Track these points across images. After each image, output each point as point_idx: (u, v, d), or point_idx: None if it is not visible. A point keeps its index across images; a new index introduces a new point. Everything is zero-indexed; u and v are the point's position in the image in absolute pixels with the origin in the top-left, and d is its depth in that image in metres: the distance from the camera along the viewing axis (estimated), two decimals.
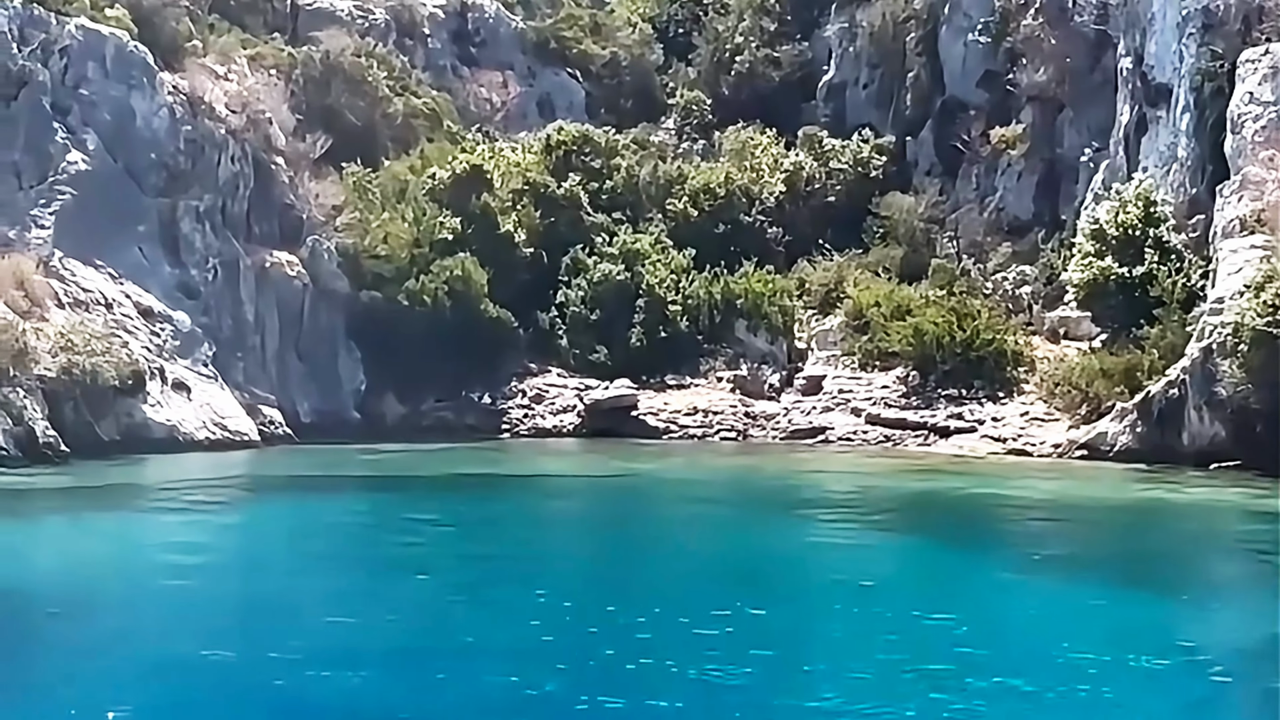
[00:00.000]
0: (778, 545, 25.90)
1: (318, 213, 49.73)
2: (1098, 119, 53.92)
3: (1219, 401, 38.52)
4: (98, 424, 41.06)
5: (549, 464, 41.86)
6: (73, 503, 31.97)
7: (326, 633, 18.51)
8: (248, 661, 16.99)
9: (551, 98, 66.12)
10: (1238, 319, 37.50)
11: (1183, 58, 48.56)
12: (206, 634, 18.20)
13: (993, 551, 25.80)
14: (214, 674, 16.49)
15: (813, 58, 64.68)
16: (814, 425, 47.81)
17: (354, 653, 17.41)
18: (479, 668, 16.89)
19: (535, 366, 51.96)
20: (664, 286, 52.38)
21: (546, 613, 19.49)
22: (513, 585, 21.76)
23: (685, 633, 18.44)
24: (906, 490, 35.25)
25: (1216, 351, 38.53)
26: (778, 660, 17.19)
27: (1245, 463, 37.17)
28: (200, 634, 18.23)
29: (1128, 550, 26.52)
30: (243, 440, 43.87)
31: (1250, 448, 37.40)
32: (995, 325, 48.15)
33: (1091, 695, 15.72)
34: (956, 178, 57.57)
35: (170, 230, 46.66)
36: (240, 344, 47.03)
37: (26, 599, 21.14)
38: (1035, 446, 43.07)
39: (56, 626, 19.51)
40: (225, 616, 19.95)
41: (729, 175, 57.27)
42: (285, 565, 24.48)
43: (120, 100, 46.71)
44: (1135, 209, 46.67)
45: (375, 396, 49.58)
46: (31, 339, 39.37)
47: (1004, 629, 19.36)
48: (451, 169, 52.90)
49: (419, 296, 49.51)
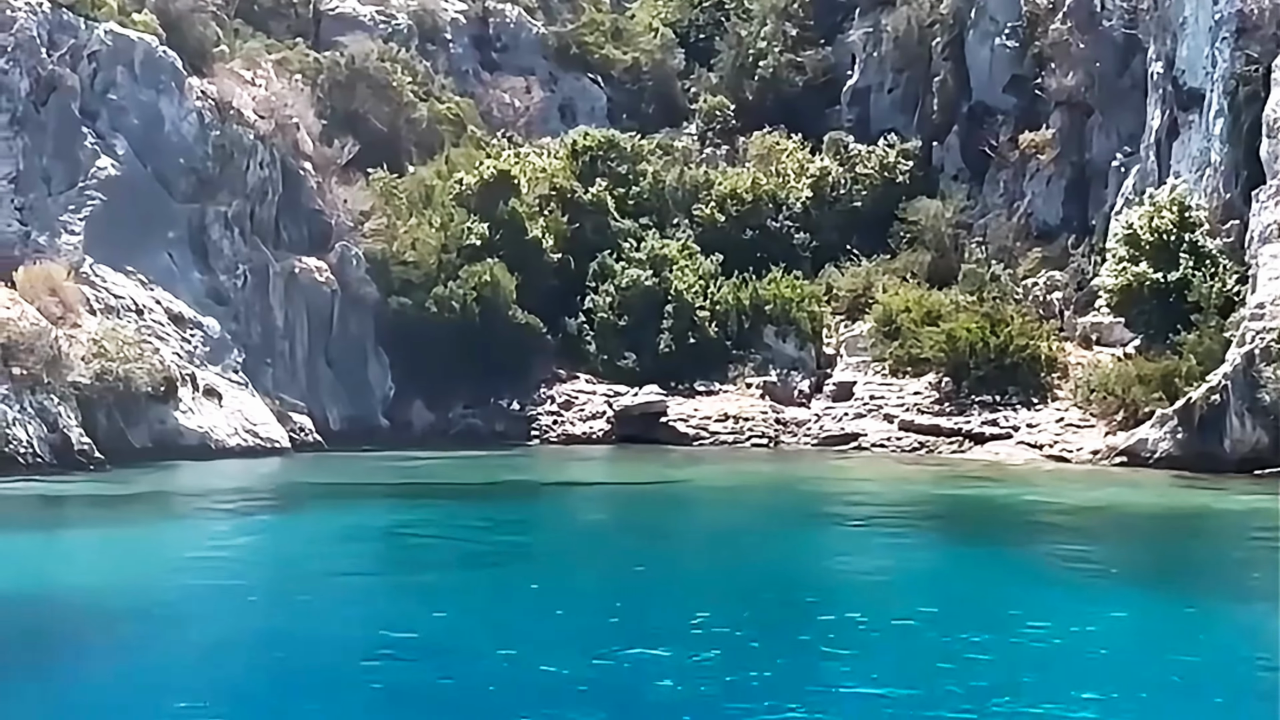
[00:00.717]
0: (871, 559, 25.36)
1: (345, 218, 49.43)
2: (1127, 124, 53.64)
3: (1262, 408, 38.28)
4: (130, 431, 40.88)
5: (593, 472, 41.65)
6: (125, 511, 31.63)
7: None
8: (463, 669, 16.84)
9: (573, 103, 65.92)
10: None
11: (1215, 62, 48.26)
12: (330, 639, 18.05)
13: (1071, 560, 25.35)
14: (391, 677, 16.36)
15: (836, 63, 64.42)
16: (846, 432, 47.56)
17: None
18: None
19: (563, 373, 51.71)
20: (692, 292, 52.18)
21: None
22: (656, 598, 21.40)
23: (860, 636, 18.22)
24: (960, 498, 34.82)
25: (1260, 357, 38.27)
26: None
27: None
28: (323, 639, 18.07)
29: (1201, 558, 26.19)
30: (274, 447, 43.64)
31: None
32: (1028, 331, 47.85)
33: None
34: (983, 183, 57.29)
35: (199, 236, 46.47)
36: (269, 350, 46.83)
37: (118, 608, 20.81)
38: (1073, 453, 42.81)
39: (168, 633, 19.23)
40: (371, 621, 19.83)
41: (755, 180, 57.00)
42: (369, 570, 24.30)
43: (149, 105, 46.50)
44: (1170, 214, 46.39)
45: (403, 403, 49.36)
46: (65, 346, 39.13)
47: (1112, 640, 18.94)
48: (479, 174, 52.63)
49: (448, 303, 49.25)
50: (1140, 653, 18.37)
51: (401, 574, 24.20)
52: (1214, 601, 21.61)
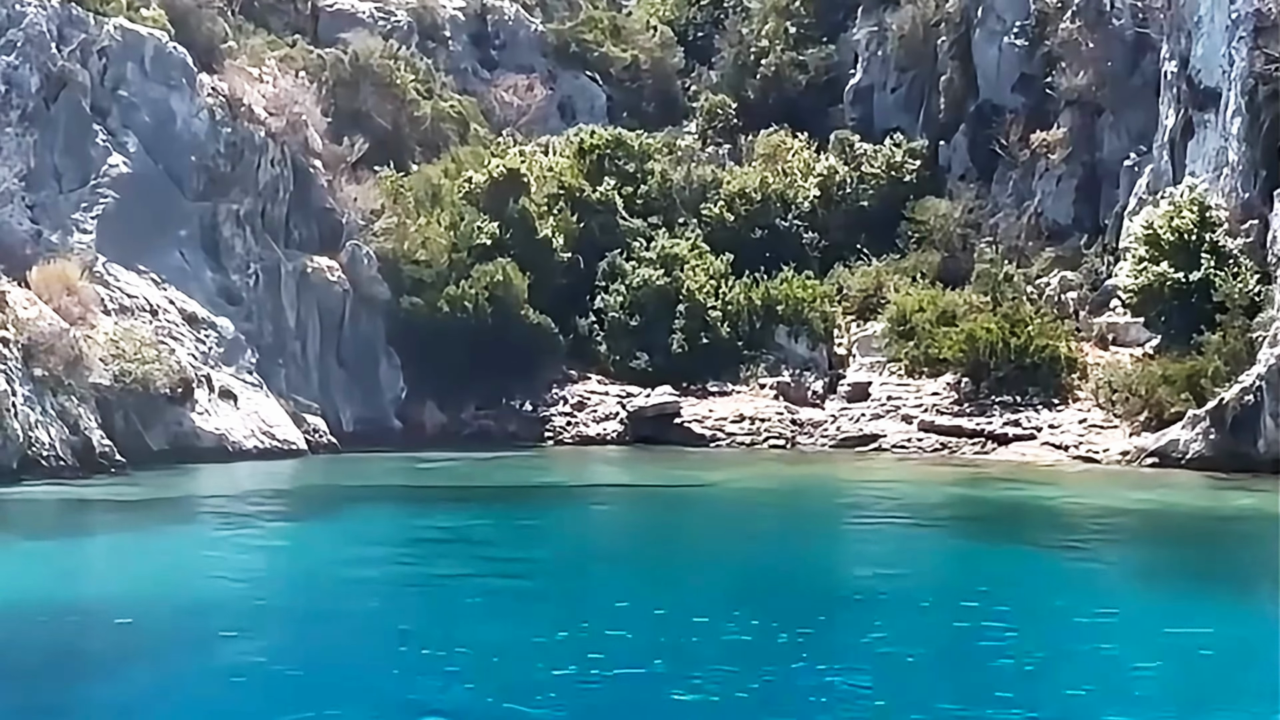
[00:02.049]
0: (937, 563, 25.01)
1: (356, 217, 48.78)
2: (1138, 123, 53.48)
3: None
4: (147, 433, 40.19)
5: (623, 474, 41.11)
6: (159, 516, 31.04)
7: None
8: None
9: (573, 101, 65.41)
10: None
11: (1233, 61, 48.06)
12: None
13: (1148, 565, 25.12)
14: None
15: (839, 61, 64.05)
16: (865, 433, 47.16)
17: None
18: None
19: (575, 373, 51.17)
20: (704, 292, 51.72)
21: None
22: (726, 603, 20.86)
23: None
24: (1007, 501, 34.41)
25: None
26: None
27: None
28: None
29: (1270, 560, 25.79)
30: (291, 449, 42.97)
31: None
32: (1048, 331, 47.59)
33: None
34: (992, 182, 56.94)
35: (211, 234, 45.78)
36: (281, 351, 46.14)
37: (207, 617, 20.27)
38: (1100, 454, 42.57)
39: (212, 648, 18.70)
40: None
41: (764, 180, 56.59)
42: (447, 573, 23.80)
43: (160, 102, 45.78)
44: (1190, 214, 46.24)
45: (415, 404, 48.70)
46: (85, 346, 38.44)
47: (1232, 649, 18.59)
48: (488, 173, 52.07)
49: (460, 302, 48.67)
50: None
51: (481, 580, 23.55)
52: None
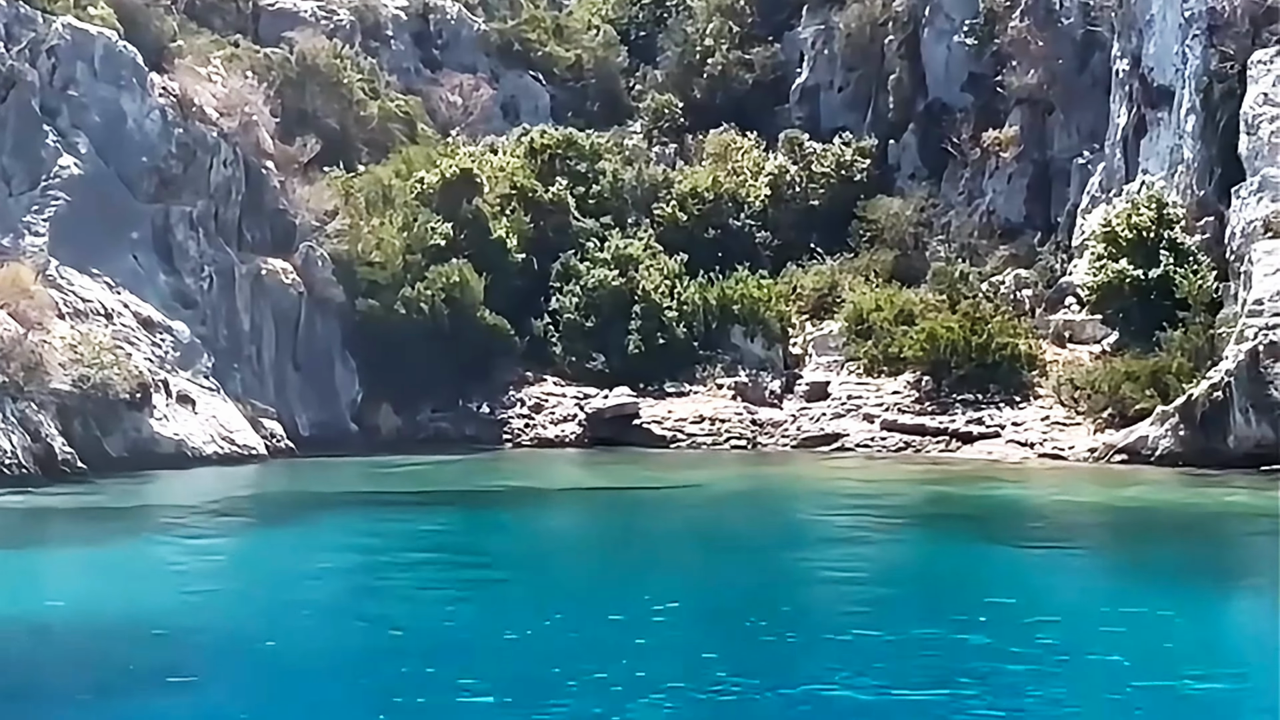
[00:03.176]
0: (954, 568, 24.63)
1: (309, 219, 48.04)
2: (1088, 121, 53.78)
3: (1267, 403, 38.26)
4: (105, 439, 39.37)
5: (593, 476, 40.49)
6: (130, 525, 30.27)
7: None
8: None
9: (516, 101, 64.79)
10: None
11: (1186, 59, 48.38)
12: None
13: (1168, 563, 24.98)
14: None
15: (785, 60, 63.88)
16: (827, 432, 46.98)
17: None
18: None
19: (531, 375, 50.67)
20: (659, 292, 51.37)
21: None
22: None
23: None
24: (992, 500, 34.16)
25: (1265, 353, 38.25)
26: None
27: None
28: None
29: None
30: (251, 454, 42.25)
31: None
32: (1008, 329, 47.63)
33: None
34: (942, 181, 57.05)
35: (164, 237, 44.92)
36: (237, 355, 45.36)
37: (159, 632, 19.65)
38: (1066, 451, 42.60)
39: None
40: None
41: (716, 179, 56.33)
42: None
43: (110, 102, 44.87)
44: (1148, 211, 46.49)
45: (371, 407, 48.04)
46: (44, 352, 37.58)
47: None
48: (440, 173, 51.45)
49: (416, 304, 48.06)
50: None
51: (462, 584, 23.05)
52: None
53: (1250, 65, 45.78)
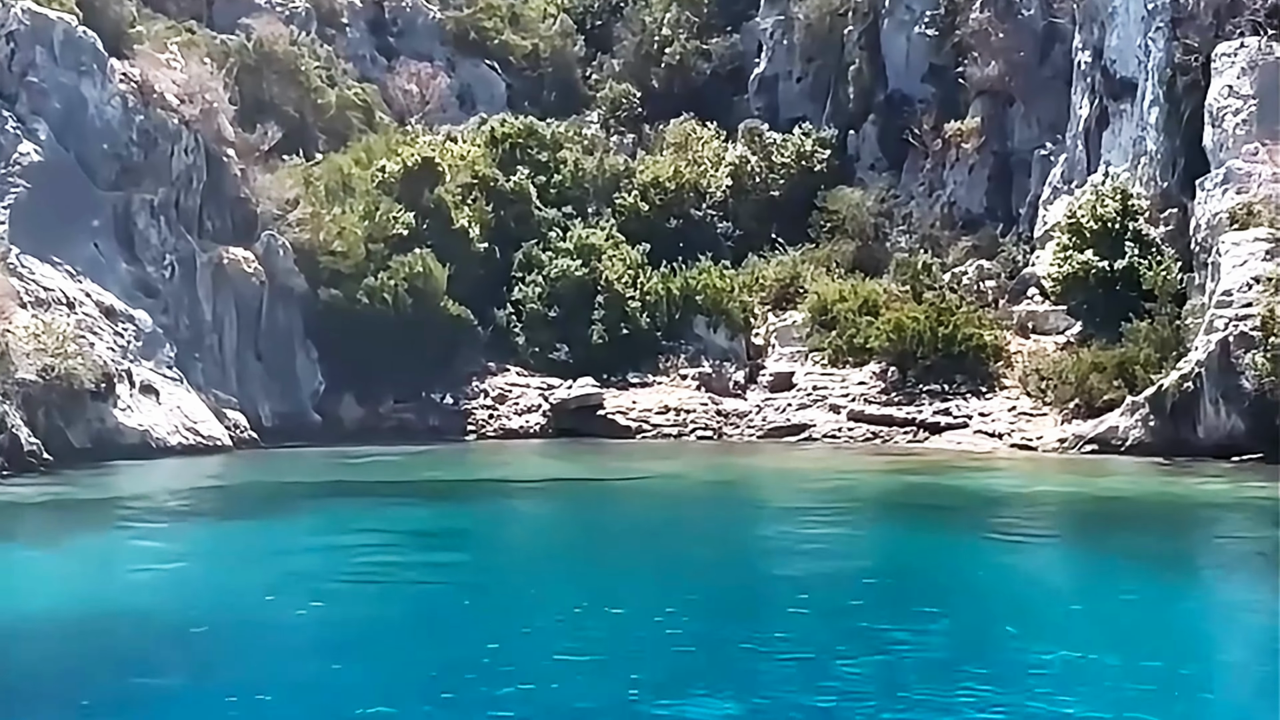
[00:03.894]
0: (963, 563, 24.35)
1: (270, 207, 47.53)
2: (1049, 113, 53.89)
3: (1238, 394, 38.42)
4: (68, 430, 38.85)
5: (557, 467, 39.87)
6: (109, 516, 29.77)
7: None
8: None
9: (472, 90, 64.43)
10: (1265, 311, 37.44)
11: (1149, 51, 48.54)
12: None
13: (1163, 555, 24.99)
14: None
15: (743, 50, 63.80)
16: (793, 423, 46.89)
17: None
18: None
19: (494, 366, 50.34)
20: (622, 282, 51.12)
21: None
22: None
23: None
24: (970, 490, 33.82)
25: (1236, 344, 38.42)
26: None
27: (1267, 456, 36.96)
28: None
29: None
30: (215, 445, 41.92)
31: (1270, 441, 37.23)
32: (974, 320, 47.68)
33: None
34: (902, 171, 57.08)
35: (125, 225, 44.32)
36: (199, 344, 44.87)
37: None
38: (1035, 441, 42.66)
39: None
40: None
41: (677, 169, 56.13)
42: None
43: (70, 88, 44.18)
44: (1113, 202, 46.64)
45: (333, 398, 47.67)
46: (9, 341, 36.99)
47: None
48: (402, 161, 51.02)
49: (379, 294, 47.67)
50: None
51: (435, 585, 22.75)
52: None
53: (1214, 58, 45.88)
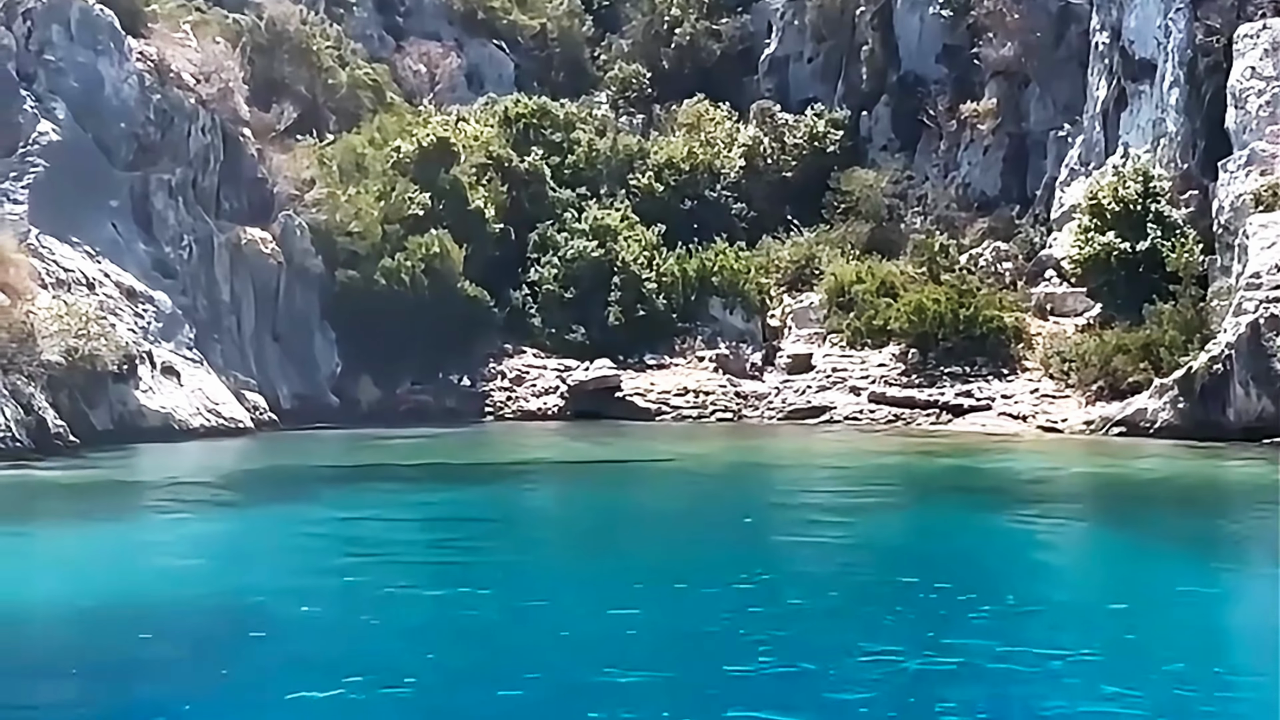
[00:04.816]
0: (1023, 546, 24.10)
1: (287, 187, 47.16)
2: (1064, 94, 53.80)
3: (1268, 376, 38.33)
4: (92, 412, 38.51)
5: (586, 449, 39.11)
6: (147, 499, 29.41)
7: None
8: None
9: (480, 70, 64.05)
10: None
11: (1169, 32, 48.49)
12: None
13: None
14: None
15: (754, 31, 63.54)
16: (813, 405, 46.71)
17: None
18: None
19: (510, 347, 50.09)
20: (638, 264, 50.87)
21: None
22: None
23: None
24: (1006, 472, 33.58)
25: (1265, 326, 38.32)
26: None
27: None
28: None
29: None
30: (237, 427, 41.56)
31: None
32: (994, 302, 47.54)
33: None
34: (915, 153, 56.92)
35: (143, 205, 43.91)
36: (217, 326, 44.50)
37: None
38: (1060, 423, 42.51)
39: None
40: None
41: (691, 150, 55.85)
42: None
43: (88, 67, 43.70)
44: (1135, 183, 46.51)
45: (350, 380, 47.37)
46: (34, 322, 36.66)
47: None
48: (417, 142, 50.68)
49: (396, 275, 47.36)
50: None
51: (544, 561, 22.56)
52: None
53: (1236, 39, 45.91)
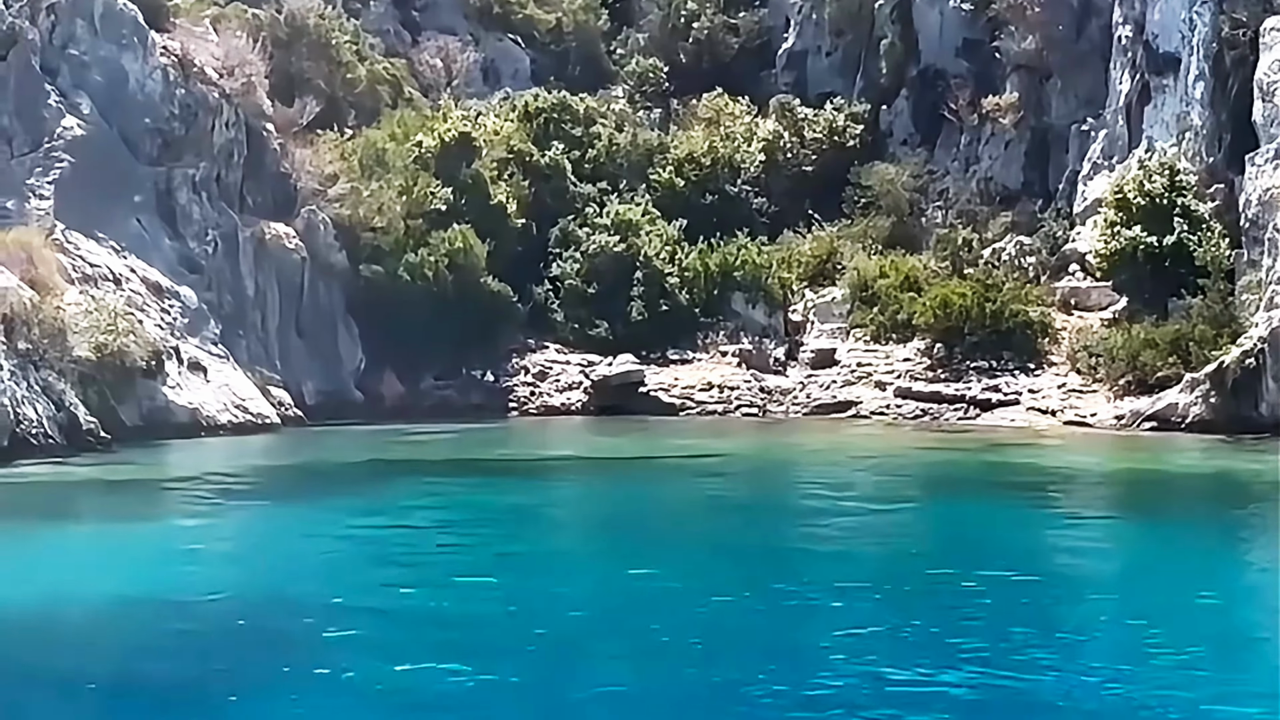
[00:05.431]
0: (1091, 545, 23.98)
1: (310, 182, 46.98)
2: (1085, 87, 53.62)
3: None
4: (120, 408, 38.26)
5: (621, 445, 39.00)
6: (189, 495, 29.34)
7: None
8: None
9: (496, 65, 63.85)
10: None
11: (1194, 25, 48.32)
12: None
13: None
14: None
15: (771, 25, 63.40)
16: (839, 400, 46.57)
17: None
18: None
19: (532, 342, 49.92)
20: (660, 258, 50.73)
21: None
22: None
23: None
24: (1050, 467, 33.70)
25: None
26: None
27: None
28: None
29: None
30: (264, 423, 41.33)
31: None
32: (1020, 296, 47.39)
33: None
34: (936, 147, 56.77)
35: (167, 201, 43.74)
36: (241, 321, 44.29)
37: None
38: (1089, 418, 42.39)
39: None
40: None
41: (712, 144, 55.70)
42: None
43: (111, 61, 43.66)
44: (1161, 178, 46.36)
45: (373, 375, 47.12)
46: (65, 318, 36.51)
47: None
48: (438, 136, 50.50)
49: (420, 270, 47.16)
50: None
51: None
52: None
53: (1263, 32, 45.65)
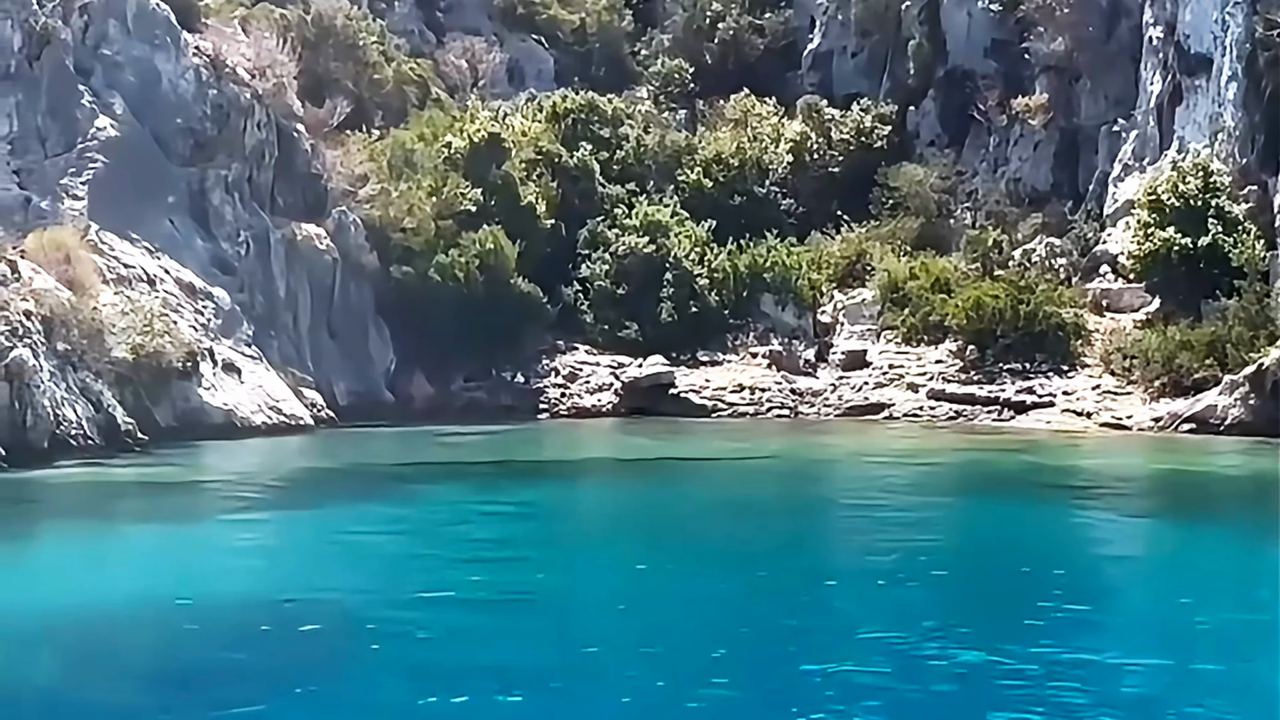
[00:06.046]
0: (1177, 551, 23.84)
1: (340, 183, 46.88)
2: (1115, 88, 53.49)
3: None
4: (155, 409, 38.13)
5: (660, 446, 38.87)
6: (233, 498, 29.23)
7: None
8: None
9: (520, 65, 63.76)
10: None
11: (1226, 27, 48.16)
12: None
13: None
14: None
15: (797, 25, 63.30)
16: (871, 402, 46.38)
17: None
18: None
19: (562, 344, 49.78)
20: (690, 260, 50.59)
21: None
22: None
23: None
24: (1103, 468, 33.68)
25: None
26: None
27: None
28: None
29: None
30: (298, 424, 41.21)
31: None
32: (1053, 298, 47.22)
33: None
34: (964, 148, 56.63)
35: (200, 201, 43.68)
36: (273, 322, 44.19)
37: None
38: (1126, 420, 42.20)
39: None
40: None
41: (740, 145, 55.57)
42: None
43: (144, 61, 43.63)
44: (1195, 179, 46.20)
45: (404, 376, 47.02)
46: (102, 319, 36.41)
47: None
48: (468, 137, 50.37)
49: (450, 271, 47.02)
50: None
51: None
52: None
53: None
